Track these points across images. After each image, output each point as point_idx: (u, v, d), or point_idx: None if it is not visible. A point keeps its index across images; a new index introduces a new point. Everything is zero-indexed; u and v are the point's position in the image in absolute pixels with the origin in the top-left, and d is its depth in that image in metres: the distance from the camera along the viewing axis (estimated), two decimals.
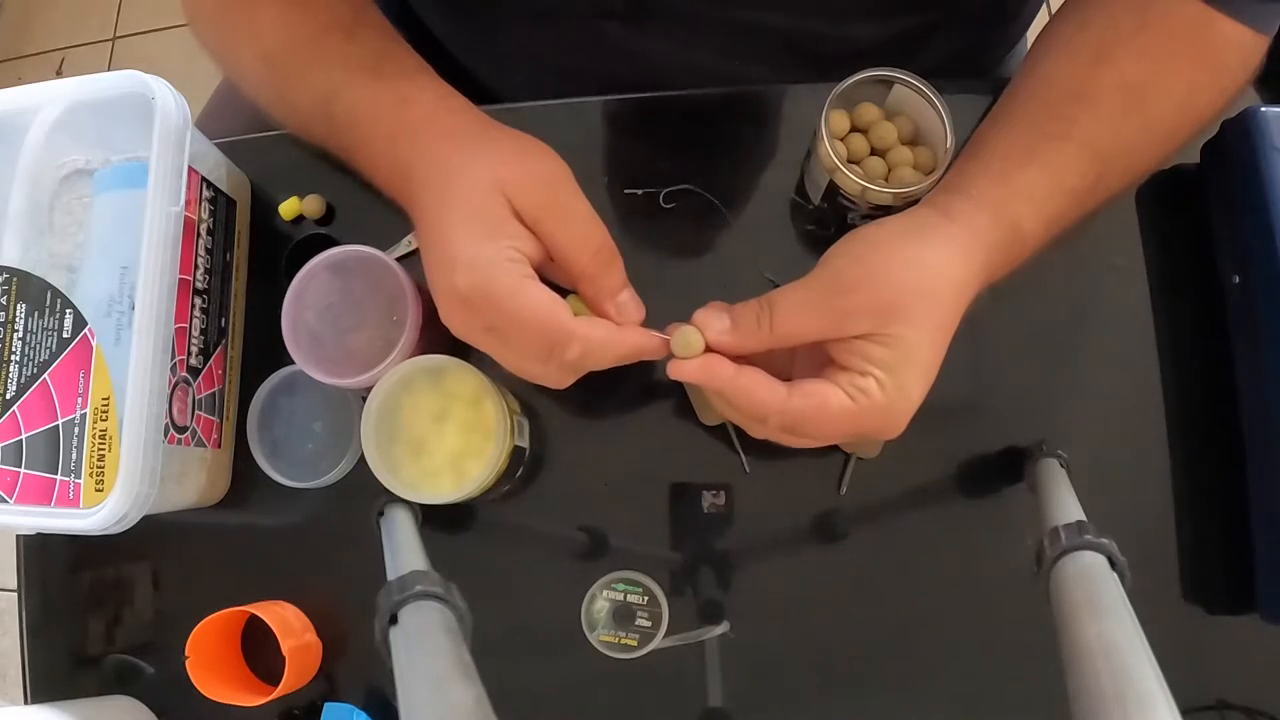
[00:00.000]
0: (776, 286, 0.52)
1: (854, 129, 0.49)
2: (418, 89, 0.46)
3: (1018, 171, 0.43)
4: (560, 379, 0.43)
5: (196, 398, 0.50)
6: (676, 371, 0.42)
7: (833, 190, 0.48)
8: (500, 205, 0.41)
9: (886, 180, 0.48)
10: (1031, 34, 0.71)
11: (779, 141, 0.55)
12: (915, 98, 0.47)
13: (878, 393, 0.39)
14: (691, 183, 0.54)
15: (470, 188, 0.42)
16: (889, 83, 0.48)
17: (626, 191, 0.52)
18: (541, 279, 0.41)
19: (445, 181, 0.43)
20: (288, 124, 0.52)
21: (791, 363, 0.44)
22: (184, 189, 0.47)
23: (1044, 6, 0.65)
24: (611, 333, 0.42)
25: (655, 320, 0.43)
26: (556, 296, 0.41)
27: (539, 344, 0.41)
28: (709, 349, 0.41)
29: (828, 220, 0.52)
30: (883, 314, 0.39)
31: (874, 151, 0.49)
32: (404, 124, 0.45)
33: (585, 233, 0.43)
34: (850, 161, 0.48)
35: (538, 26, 0.58)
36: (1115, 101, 0.43)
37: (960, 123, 0.46)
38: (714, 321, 0.41)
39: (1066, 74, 0.45)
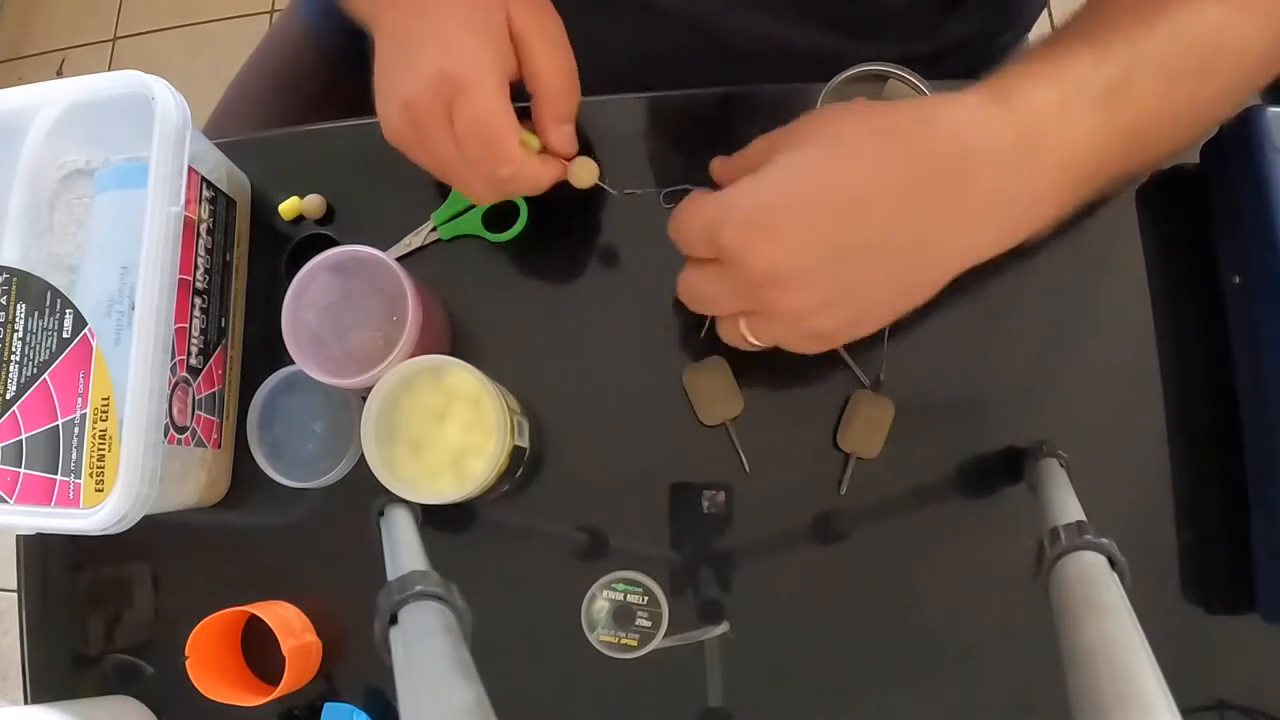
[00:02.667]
0: None
1: None
2: None
3: (1018, 61, 0.39)
4: (482, 193, 0.47)
5: (196, 398, 0.50)
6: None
7: None
8: (501, 14, 0.44)
9: None
10: (1033, 38, 0.72)
11: None
12: (909, 93, 0.47)
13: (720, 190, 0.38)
14: (691, 183, 0.54)
15: None
16: (883, 77, 0.48)
17: (626, 191, 0.52)
18: None
19: None
20: None
21: None
22: (184, 189, 0.47)
23: (1045, 9, 0.65)
24: (539, 167, 0.46)
25: (651, 319, 0.44)
26: (517, 121, 0.44)
27: (482, 151, 0.43)
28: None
29: None
30: (780, 136, 0.39)
31: None
32: None
33: (562, 55, 0.46)
34: None
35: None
36: (1133, 10, 0.39)
37: None
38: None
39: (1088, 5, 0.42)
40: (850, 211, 0.35)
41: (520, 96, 0.46)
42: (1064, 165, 0.37)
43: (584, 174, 0.48)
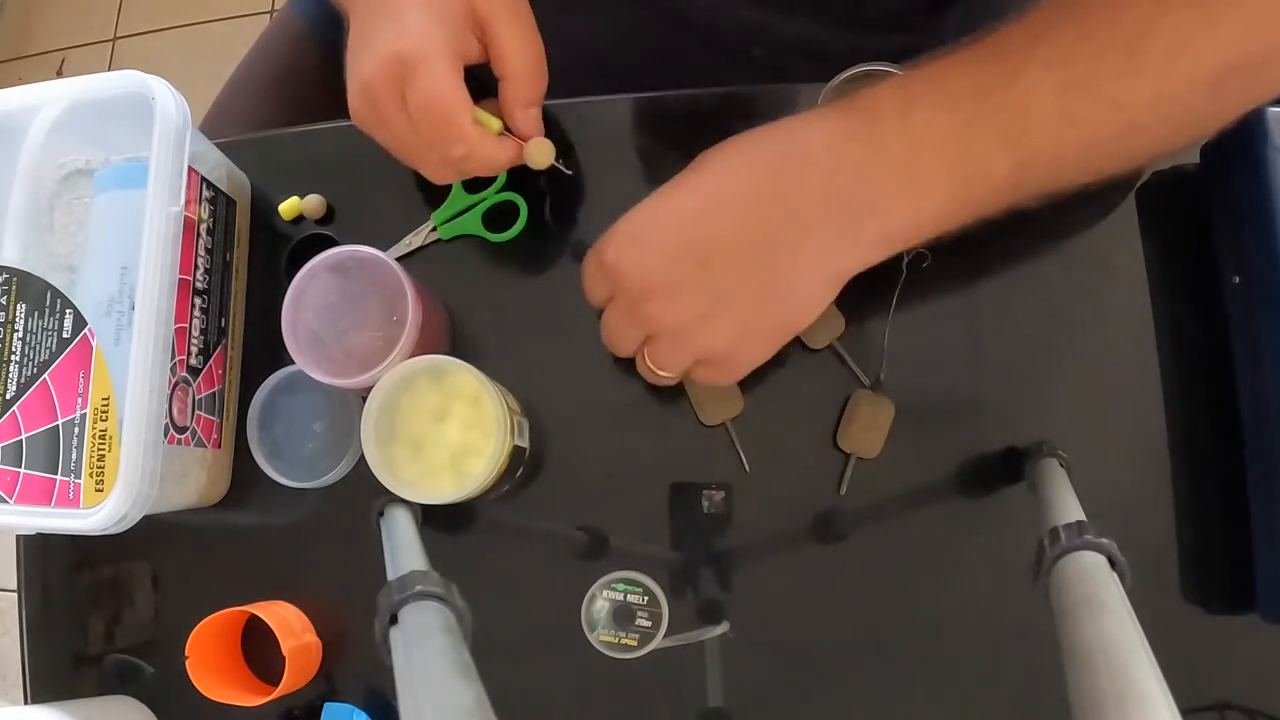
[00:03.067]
0: None
1: None
2: None
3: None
4: (439, 173, 0.48)
5: (196, 398, 0.50)
6: None
7: None
8: (461, 8, 0.45)
9: None
10: None
11: None
12: None
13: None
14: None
15: None
16: (882, 77, 0.48)
17: (626, 191, 0.52)
18: None
19: None
20: None
21: None
22: (184, 189, 0.47)
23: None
24: (494, 147, 0.47)
25: None
26: (469, 100, 0.45)
27: (435, 130, 0.44)
28: None
29: None
30: None
31: None
32: None
33: (529, 38, 0.47)
34: None
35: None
36: (1043, 15, 0.37)
37: None
38: None
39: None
40: (704, 215, 0.39)
41: (490, 83, 0.47)
42: (909, 165, 0.37)
43: (540, 155, 0.49)
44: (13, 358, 0.49)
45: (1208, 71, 0.36)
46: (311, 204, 0.56)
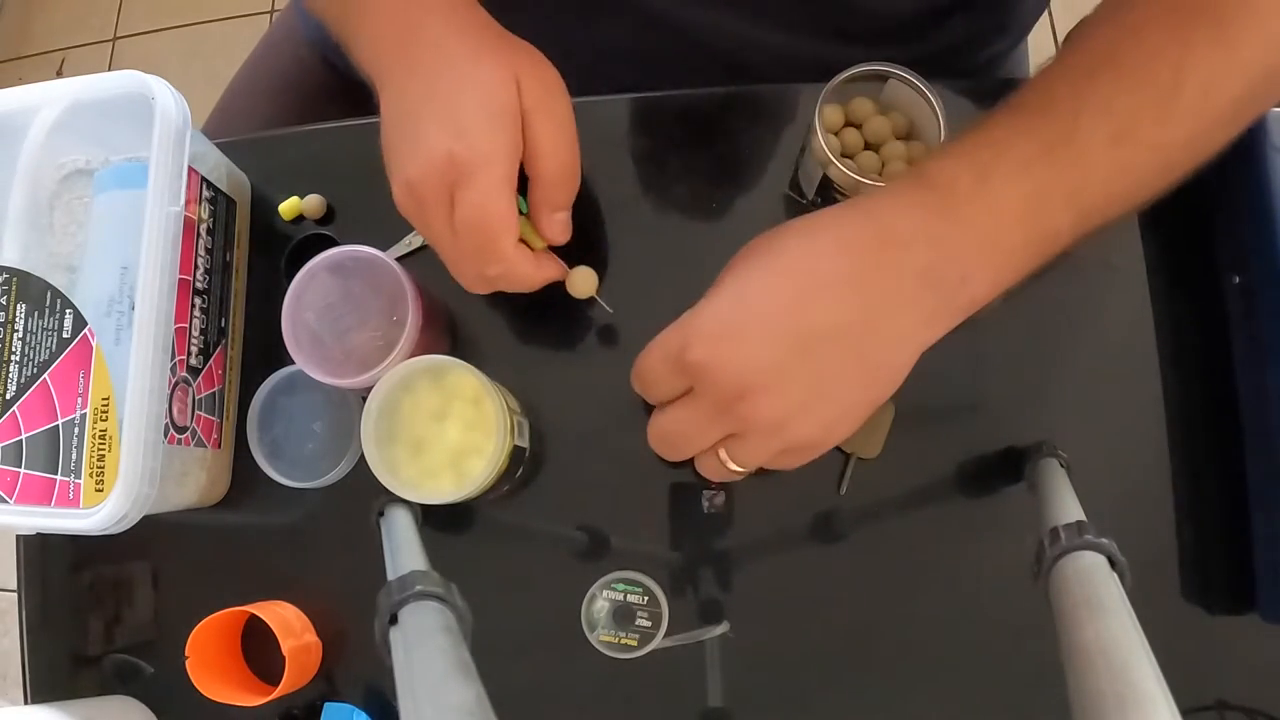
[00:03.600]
0: None
1: (848, 123, 0.49)
2: None
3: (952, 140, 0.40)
4: (470, 282, 0.46)
5: (196, 398, 0.50)
6: None
7: (826, 184, 0.48)
8: (512, 93, 0.43)
9: (880, 175, 0.48)
10: (1031, 39, 0.72)
11: (775, 140, 0.55)
12: (909, 92, 0.47)
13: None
14: (688, 181, 0.54)
15: (493, 66, 0.43)
16: (883, 77, 0.48)
17: (625, 191, 0.52)
18: None
19: (468, 52, 0.43)
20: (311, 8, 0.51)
21: None
22: (184, 189, 0.47)
23: (1047, 12, 0.65)
24: (531, 270, 0.46)
25: (650, 318, 0.43)
26: (516, 216, 0.43)
27: (476, 245, 0.43)
28: None
29: None
30: (728, 268, 0.40)
31: (868, 146, 0.49)
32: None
33: (567, 139, 0.45)
34: (844, 155, 0.48)
35: (568, 8, 0.58)
36: (1079, 65, 0.39)
37: (954, 118, 0.46)
38: None
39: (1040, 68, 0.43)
40: (803, 304, 0.37)
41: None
42: (992, 236, 0.38)
43: (582, 285, 0.48)
44: (13, 358, 0.49)
45: (1232, 102, 0.39)
46: (311, 204, 0.56)
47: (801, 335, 0.37)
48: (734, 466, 0.41)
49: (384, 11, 0.46)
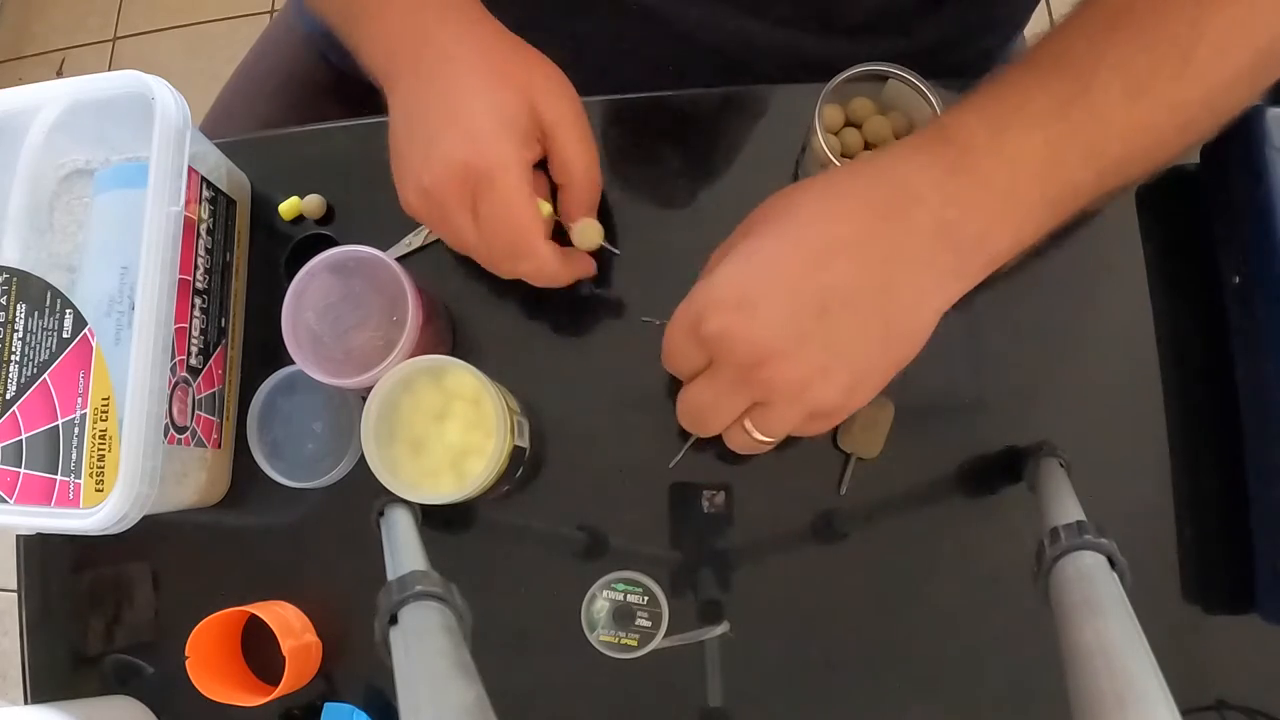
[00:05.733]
0: None
1: (848, 123, 0.49)
2: None
3: (971, 94, 0.40)
4: (502, 271, 0.47)
5: (196, 398, 0.50)
6: None
7: None
8: (525, 111, 0.44)
9: None
10: (1029, 36, 0.72)
11: (775, 140, 0.55)
12: (909, 93, 0.47)
13: (705, 273, 0.39)
14: (688, 181, 0.54)
15: (504, 77, 0.44)
16: (883, 77, 0.48)
17: (625, 191, 0.52)
18: None
19: (479, 60, 0.44)
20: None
21: None
22: (184, 189, 0.47)
23: (1046, 8, 0.65)
24: (561, 265, 0.47)
25: (650, 318, 0.44)
26: (541, 218, 0.45)
27: (507, 246, 0.45)
28: None
29: None
30: (740, 230, 0.40)
31: (868, 146, 0.49)
32: (424, 1, 0.46)
33: (590, 148, 0.47)
34: (844, 156, 0.48)
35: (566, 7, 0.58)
36: (1094, 21, 0.39)
37: None
38: None
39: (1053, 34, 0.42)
40: (818, 267, 0.36)
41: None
42: (1010, 191, 0.37)
43: (588, 236, 0.49)
44: (13, 358, 0.49)
45: (1249, 61, 0.38)
46: (311, 204, 0.56)
47: (818, 298, 0.36)
48: (760, 437, 0.40)
49: (394, 18, 0.46)
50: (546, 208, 0.48)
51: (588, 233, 0.49)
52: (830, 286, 0.36)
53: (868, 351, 0.38)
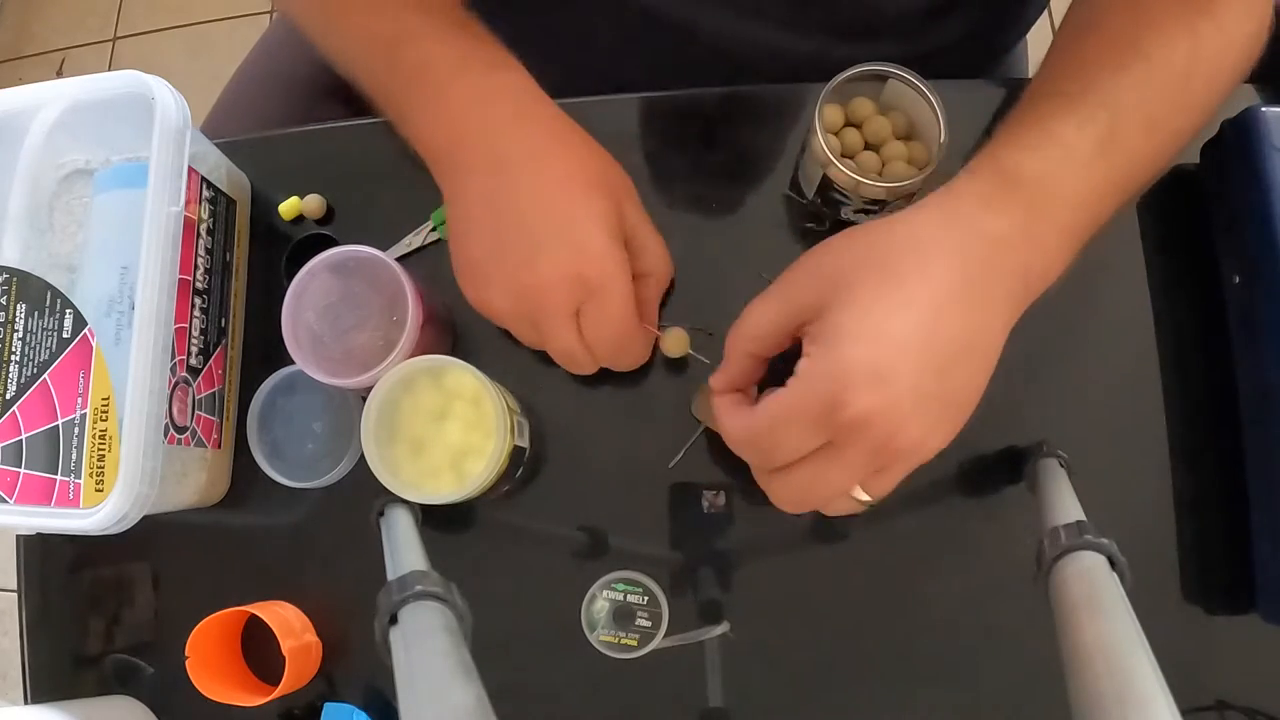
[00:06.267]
0: None
1: (848, 123, 0.49)
2: (506, 57, 0.46)
3: (1003, 128, 0.41)
4: (584, 370, 0.48)
5: (196, 398, 0.50)
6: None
7: (826, 184, 0.48)
8: (619, 218, 0.45)
9: (880, 175, 0.48)
10: (1031, 38, 0.72)
11: (775, 140, 0.55)
12: (909, 93, 0.47)
13: (806, 370, 0.36)
14: (688, 181, 0.54)
15: (600, 190, 0.44)
16: (883, 77, 0.48)
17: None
18: None
19: (579, 169, 0.44)
20: (330, 53, 0.50)
21: None
22: (184, 189, 0.47)
23: (1047, 10, 0.65)
24: (643, 352, 0.49)
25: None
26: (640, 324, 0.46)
27: (614, 349, 0.46)
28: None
29: (822, 215, 0.52)
30: (823, 282, 0.38)
31: (868, 146, 0.49)
32: (501, 89, 0.45)
33: (663, 244, 0.49)
34: (844, 156, 0.48)
35: (568, 7, 0.58)
36: (1107, 56, 0.42)
37: (954, 118, 0.46)
38: (719, 375, 0.43)
39: (1059, 48, 0.45)
40: (933, 329, 0.36)
41: None
42: (1065, 227, 0.40)
43: (677, 345, 0.50)
44: (13, 358, 0.49)
45: (1228, 82, 0.43)
46: (311, 204, 0.56)
47: (937, 359, 0.36)
48: (865, 498, 0.39)
49: (459, 103, 0.44)
50: None
51: (679, 341, 0.50)
52: (945, 344, 0.37)
53: (973, 394, 0.39)
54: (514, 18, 0.47)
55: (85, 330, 0.48)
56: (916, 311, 0.36)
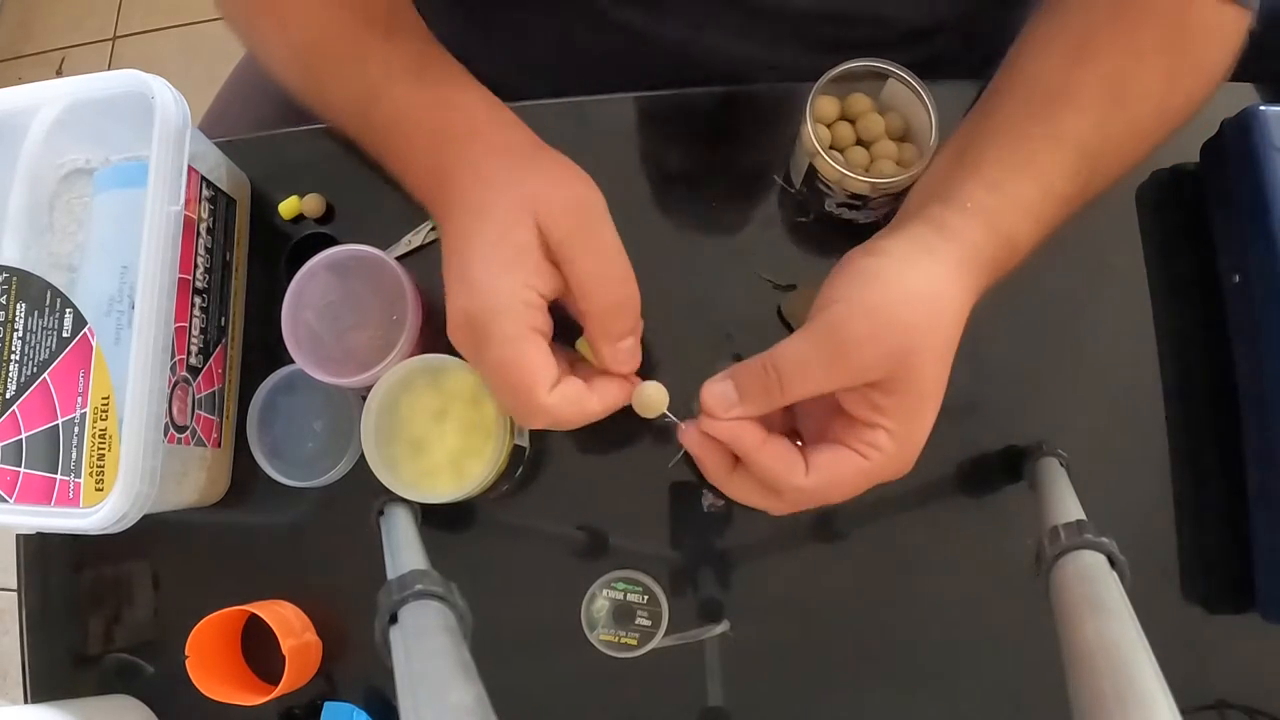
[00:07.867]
0: (771, 285, 0.52)
1: (844, 118, 0.49)
2: (462, 94, 0.46)
3: (1010, 180, 0.41)
4: (527, 425, 0.46)
5: (196, 397, 0.50)
6: (689, 440, 0.41)
7: (812, 174, 0.48)
8: (528, 232, 0.40)
9: (866, 172, 0.48)
10: None
11: (775, 137, 0.55)
12: (908, 94, 0.47)
13: (889, 444, 0.38)
14: (689, 181, 0.54)
15: (504, 210, 0.41)
16: (884, 76, 0.48)
17: (625, 190, 0.52)
18: (564, 308, 0.43)
19: (481, 199, 0.41)
20: (324, 117, 0.51)
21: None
22: (184, 188, 0.47)
23: None
24: (579, 409, 0.41)
25: (648, 316, 0.43)
26: (548, 362, 0.40)
27: (512, 402, 0.41)
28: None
29: (807, 205, 0.52)
30: (892, 360, 0.37)
31: (859, 142, 0.49)
32: (448, 131, 0.44)
33: (604, 269, 0.41)
34: (834, 149, 0.48)
35: (551, 17, 0.58)
36: (1099, 99, 0.42)
37: (948, 121, 0.46)
38: (722, 399, 0.39)
39: (1048, 71, 0.44)
40: (944, 381, 0.39)
41: None
42: (1027, 251, 0.43)
43: (650, 403, 0.42)
44: (13, 357, 0.49)
45: (1204, 99, 0.45)
46: (311, 204, 0.56)
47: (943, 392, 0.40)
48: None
49: (419, 159, 0.45)
50: (584, 346, 0.43)
51: (651, 400, 0.42)
52: (939, 399, 0.40)
53: None
54: (504, 17, 0.47)
55: (85, 329, 0.48)
56: (943, 365, 0.39)
